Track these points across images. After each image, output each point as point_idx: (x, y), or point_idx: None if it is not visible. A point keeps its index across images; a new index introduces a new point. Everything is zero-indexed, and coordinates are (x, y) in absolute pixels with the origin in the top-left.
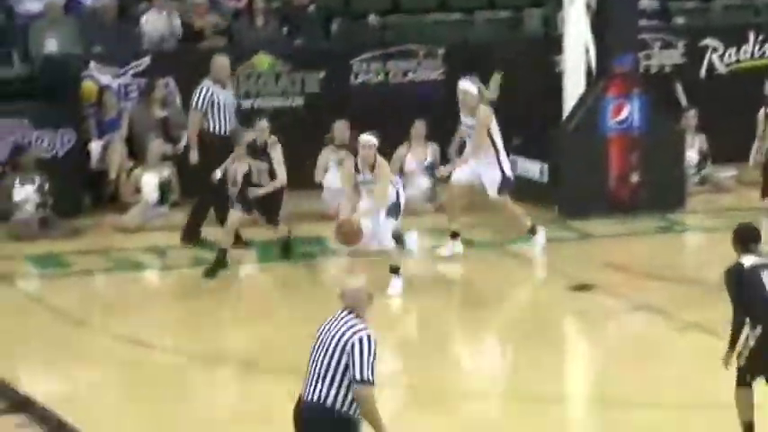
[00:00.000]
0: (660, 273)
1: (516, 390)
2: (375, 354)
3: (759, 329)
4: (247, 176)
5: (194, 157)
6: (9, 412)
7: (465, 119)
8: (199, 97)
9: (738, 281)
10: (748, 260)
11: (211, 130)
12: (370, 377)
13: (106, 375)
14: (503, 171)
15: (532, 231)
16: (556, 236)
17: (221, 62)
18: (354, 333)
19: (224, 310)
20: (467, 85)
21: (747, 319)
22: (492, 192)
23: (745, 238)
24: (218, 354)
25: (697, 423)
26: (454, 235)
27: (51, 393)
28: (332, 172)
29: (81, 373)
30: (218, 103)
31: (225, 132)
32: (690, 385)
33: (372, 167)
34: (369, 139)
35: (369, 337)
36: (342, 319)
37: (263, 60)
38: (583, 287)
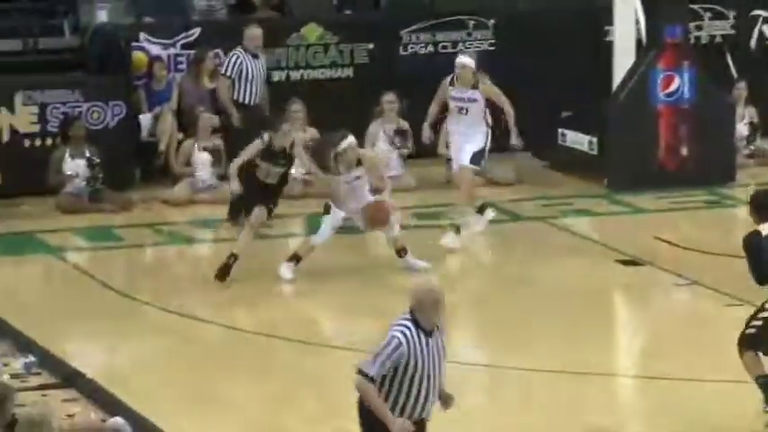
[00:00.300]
0: (709, 247)
1: (566, 363)
2: (391, 357)
3: None
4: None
5: (236, 121)
6: (57, 387)
7: (461, 93)
8: (229, 63)
9: (758, 248)
10: (766, 228)
11: (237, 97)
12: (370, 371)
13: (155, 349)
14: (484, 147)
15: (481, 210)
16: (605, 210)
17: (253, 33)
18: (390, 328)
19: (274, 283)
20: (465, 60)
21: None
22: (464, 159)
23: (763, 205)
24: (270, 328)
25: (743, 398)
26: (481, 209)
27: (100, 367)
28: (380, 144)
29: (130, 348)
30: (248, 73)
31: (251, 102)
32: (737, 360)
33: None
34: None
35: (395, 338)
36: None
37: (312, 31)
38: (631, 261)
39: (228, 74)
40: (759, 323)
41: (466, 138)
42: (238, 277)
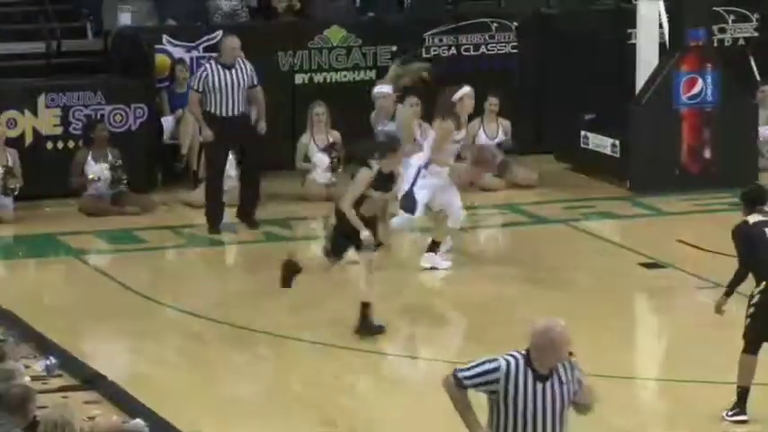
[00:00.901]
0: (732, 250)
1: (590, 366)
2: (483, 375)
3: (763, 285)
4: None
5: (206, 134)
6: (78, 389)
7: (381, 125)
8: (195, 77)
9: (745, 237)
10: (753, 218)
11: (210, 109)
12: (461, 375)
13: (176, 352)
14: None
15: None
16: (627, 212)
17: (228, 43)
18: None
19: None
20: (384, 90)
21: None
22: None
23: (753, 198)
24: (289, 330)
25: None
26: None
27: (121, 370)
28: None
29: (151, 350)
30: (218, 84)
31: (225, 114)
32: (761, 364)
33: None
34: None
35: (497, 360)
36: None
37: (335, 33)
38: (654, 264)
39: (195, 87)
40: (748, 320)
41: None
42: (260, 279)
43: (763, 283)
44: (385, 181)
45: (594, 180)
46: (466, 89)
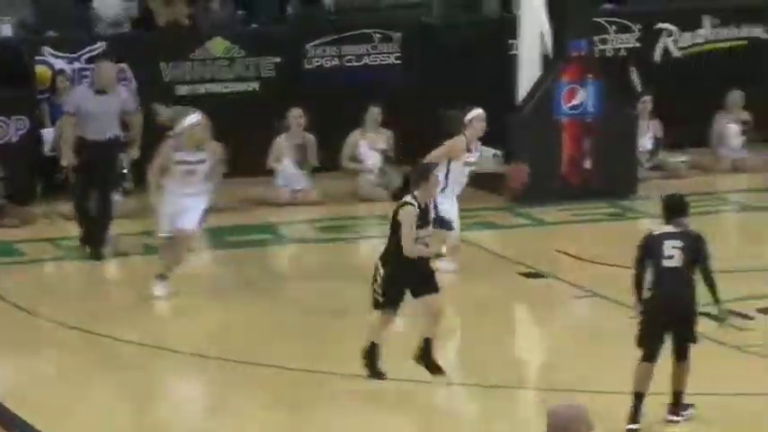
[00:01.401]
0: (612, 260)
1: (469, 376)
2: None
3: (650, 294)
4: None
5: (68, 158)
6: None
7: (188, 155)
8: (69, 99)
9: (642, 246)
10: (662, 228)
11: (81, 134)
12: None
13: (57, 366)
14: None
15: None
16: (508, 222)
17: (100, 69)
18: None
19: (175, 297)
20: (195, 118)
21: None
22: (191, 223)
23: (667, 208)
24: (170, 342)
25: (649, 408)
26: None
27: (2, 386)
28: (286, 159)
29: (31, 365)
30: (87, 110)
31: (96, 138)
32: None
33: None
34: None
35: None
36: None
37: (218, 45)
38: (534, 274)
39: (69, 110)
40: (638, 329)
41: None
42: (141, 291)
43: (650, 292)
44: (424, 215)
45: (476, 190)
46: (476, 111)
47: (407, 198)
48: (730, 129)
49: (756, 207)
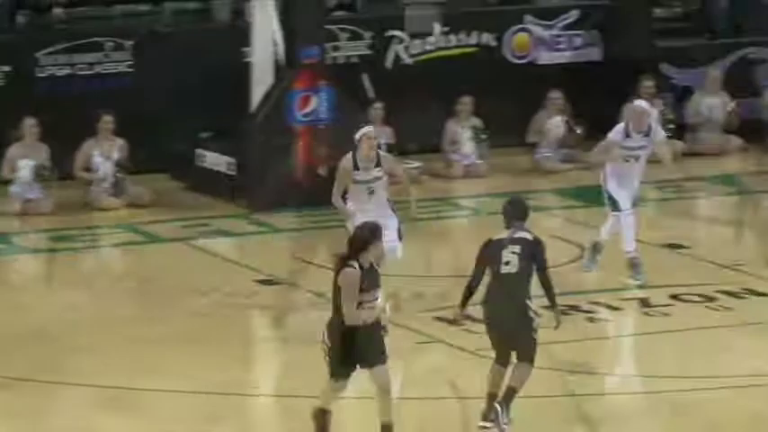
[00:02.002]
0: None
1: (202, 384)
2: None
3: (483, 300)
4: None
5: None
6: None
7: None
8: None
9: (482, 251)
10: (500, 234)
11: None
12: None
13: None
14: None
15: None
16: (243, 230)
17: None
18: None
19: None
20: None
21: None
22: None
23: (507, 212)
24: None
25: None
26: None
27: None
28: (23, 170)
29: None
30: None
31: None
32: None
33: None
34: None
35: None
36: None
37: None
38: (270, 281)
39: None
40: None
41: None
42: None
43: (484, 297)
44: (372, 277)
45: (211, 198)
46: (365, 129)
47: (350, 261)
48: (461, 135)
49: (489, 212)
